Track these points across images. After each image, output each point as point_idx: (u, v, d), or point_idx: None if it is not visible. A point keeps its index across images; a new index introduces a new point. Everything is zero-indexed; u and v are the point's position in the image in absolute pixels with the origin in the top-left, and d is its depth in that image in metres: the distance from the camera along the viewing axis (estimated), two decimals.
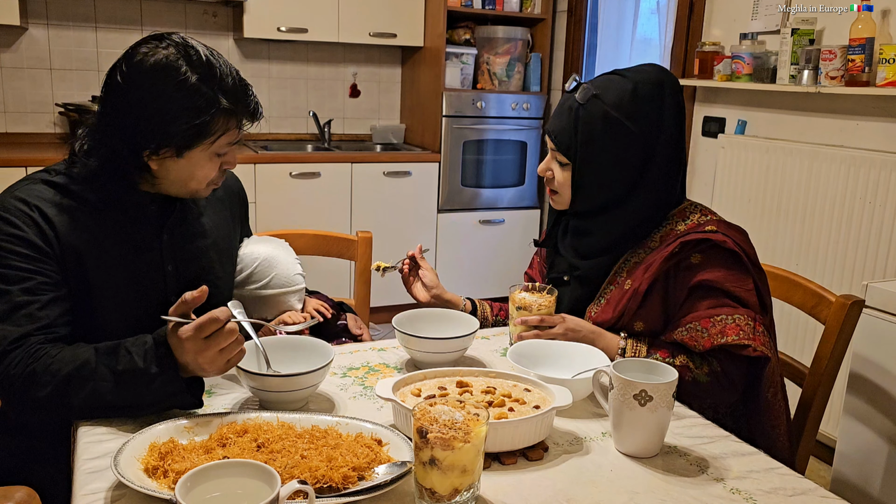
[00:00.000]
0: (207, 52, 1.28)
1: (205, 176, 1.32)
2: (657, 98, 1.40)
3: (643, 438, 1.11)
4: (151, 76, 1.23)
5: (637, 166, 1.40)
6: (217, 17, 3.92)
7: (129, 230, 1.33)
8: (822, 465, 2.59)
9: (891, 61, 2.37)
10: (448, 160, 4.02)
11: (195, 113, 1.23)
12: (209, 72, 1.25)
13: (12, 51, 3.57)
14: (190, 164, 1.29)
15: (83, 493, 0.96)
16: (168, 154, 1.27)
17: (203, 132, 1.25)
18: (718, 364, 1.35)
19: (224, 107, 1.25)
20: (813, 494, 1.04)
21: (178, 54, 1.25)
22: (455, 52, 4.07)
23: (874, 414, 1.93)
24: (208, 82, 1.24)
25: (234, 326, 1.12)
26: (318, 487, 0.94)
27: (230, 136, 1.30)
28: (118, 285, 1.31)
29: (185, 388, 1.13)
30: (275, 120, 4.18)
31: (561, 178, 1.47)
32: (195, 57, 1.25)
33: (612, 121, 1.38)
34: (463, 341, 1.39)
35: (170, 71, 1.23)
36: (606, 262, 1.48)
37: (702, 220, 1.43)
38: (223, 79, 1.26)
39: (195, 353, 1.09)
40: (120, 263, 1.32)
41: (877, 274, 2.52)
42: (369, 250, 2.03)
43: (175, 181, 1.32)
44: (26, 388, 1.13)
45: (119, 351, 1.13)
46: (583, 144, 1.40)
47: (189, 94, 1.23)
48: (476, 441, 0.92)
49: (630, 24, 3.79)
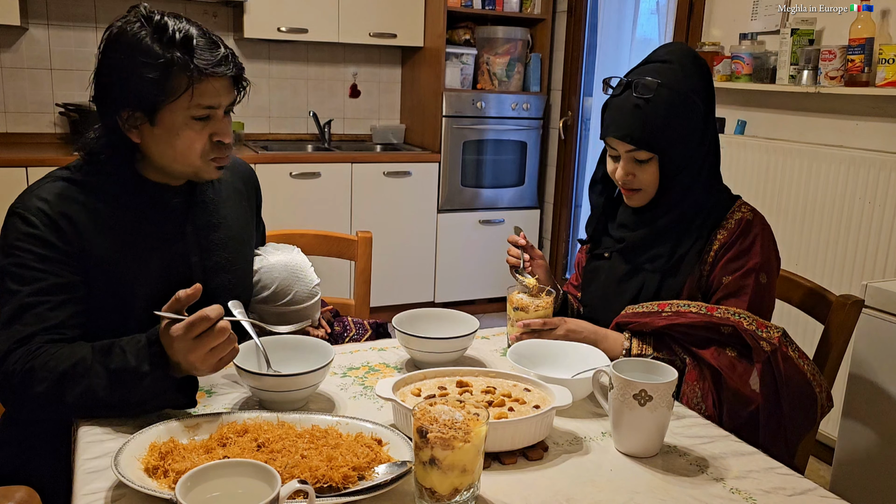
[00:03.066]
0: (167, 16, 1.26)
1: (190, 147, 1.28)
2: (703, 71, 1.45)
3: (643, 438, 1.11)
4: (114, 45, 1.25)
5: (706, 140, 1.46)
6: (217, 18, 3.92)
7: (153, 223, 1.33)
8: (822, 465, 2.59)
9: (890, 61, 2.37)
10: (448, 160, 4.02)
11: (145, 68, 1.21)
12: (161, 28, 1.24)
13: (13, 51, 3.57)
14: (167, 132, 1.26)
15: (83, 493, 0.96)
16: (142, 121, 1.26)
17: (161, 89, 1.22)
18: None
19: (175, 59, 1.22)
20: (813, 494, 1.04)
21: (136, 19, 1.25)
22: (455, 53, 4.08)
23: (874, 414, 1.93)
24: (160, 38, 1.23)
25: (226, 325, 1.10)
26: (319, 487, 0.95)
27: (197, 96, 1.24)
28: (147, 278, 1.31)
29: (176, 388, 1.13)
30: (275, 120, 4.18)
31: (647, 175, 1.45)
32: (148, 18, 1.25)
33: (681, 103, 1.41)
34: (463, 341, 1.39)
35: (125, 34, 1.24)
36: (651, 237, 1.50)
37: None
38: (175, 33, 1.23)
39: (186, 351, 1.09)
40: (147, 257, 1.32)
41: (876, 274, 2.52)
42: (369, 250, 2.03)
43: (163, 156, 1.29)
44: (24, 384, 1.13)
45: (113, 349, 1.13)
46: (664, 133, 1.41)
47: (141, 51, 1.22)
48: (476, 441, 0.92)
49: (630, 24, 3.79)
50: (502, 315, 4.01)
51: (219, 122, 1.30)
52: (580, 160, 4.23)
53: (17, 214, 1.24)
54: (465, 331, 1.41)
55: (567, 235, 4.30)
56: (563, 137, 4.22)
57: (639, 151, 1.43)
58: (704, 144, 1.46)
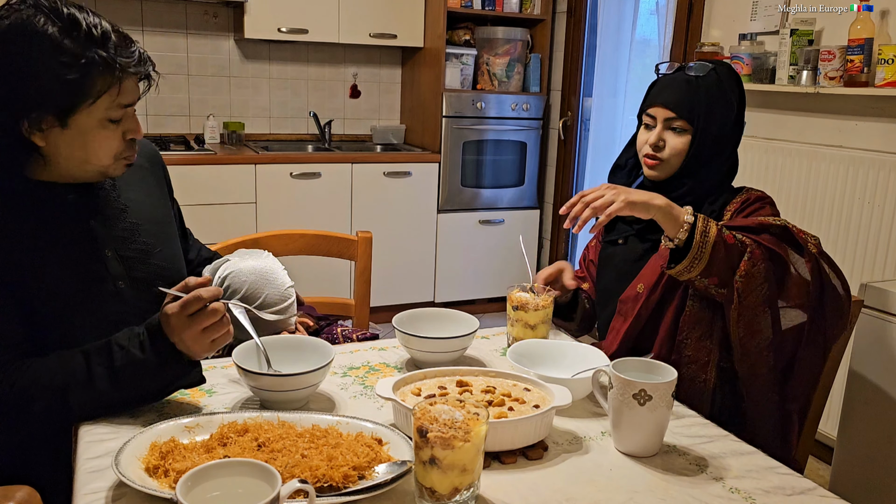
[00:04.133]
0: (73, 8, 1.14)
1: (104, 148, 1.19)
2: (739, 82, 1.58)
3: (642, 438, 1.11)
4: (7, 40, 1.11)
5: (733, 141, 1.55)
6: (218, 18, 3.92)
7: (51, 226, 1.22)
8: (822, 465, 2.59)
9: (890, 61, 2.37)
10: (448, 160, 4.03)
11: (63, 68, 1.10)
12: (73, 23, 1.12)
13: None
14: (81, 134, 1.16)
15: (84, 493, 0.96)
16: (51, 124, 1.14)
17: (79, 91, 1.12)
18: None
19: (95, 58, 1.12)
20: (812, 494, 1.04)
21: (37, 12, 1.12)
22: (455, 53, 4.08)
23: (873, 413, 1.93)
24: (72, 34, 1.12)
25: (219, 306, 1.11)
26: (319, 486, 0.95)
27: (113, 95, 1.16)
28: (60, 283, 1.22)
29: (187, 369, 1.15)
30: (275, 120, 4.18)
31: (677, 144, 1.51)
32: (55, 11, 1.13)
33: (723, 95, 1.52)
34: (463, 341, 1.40)
35: (26, 28, 1.10)
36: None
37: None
38: (91, 29, 1.13)
39: (180, 329, 1.11)
40: (55, 262, 1.21)
41: (875, 274, 2.52)
42: (369, 250, 2.03)
43: (71, 158, 1.19)
44: (19, 405, 1.12)
45: (111, 349, 1.13)
46: (705, 111, 1.50)
47: (51, 49, 1.10)
48: (476, 440, 0.92)
49: (629, 24, 3.78)
50: (502, 315, 4.01)
51: (131, 119, 1.22)
52: (580, 160, 4.23)
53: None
54: (465, 331, 1.41)
55: (567, 235, 4.30)
56: (563, 138, 4.22)
57: (678, 120, 1.50)
58: (730, 144, 1.54)
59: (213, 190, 3.53)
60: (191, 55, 3.91)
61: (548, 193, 4.39)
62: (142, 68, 1.19)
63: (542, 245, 4.46)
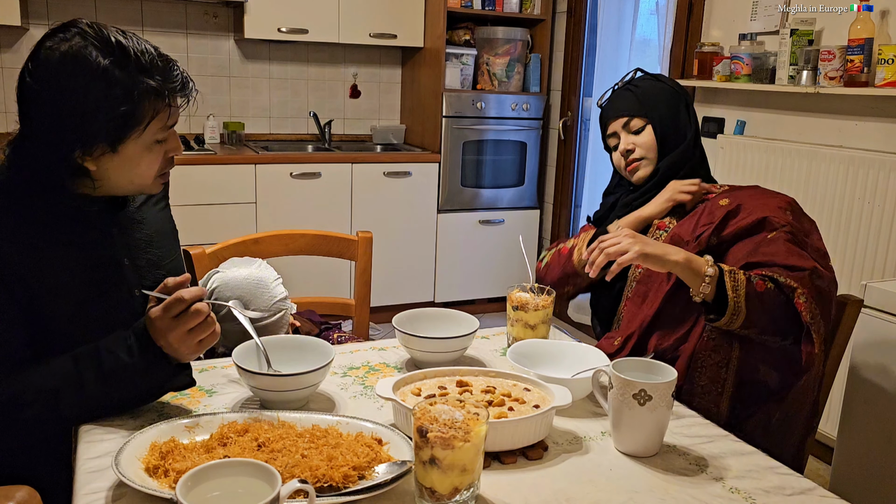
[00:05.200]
0: (118, 34, 1.17)
1: (149, 168, 1.23)
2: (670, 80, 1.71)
3: (642, 438, 1.11)
4: (61, 71, 1.13)
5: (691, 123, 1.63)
6: (218, 18, 3.92)
7: (77, 232, 1.25)
8: (822, 465, 2.59)
9: (890, 62, 2.37)
10: (448, 160, 4.03)
11: (117, 101, 1.14)
12: (122, 53, 1.15)
13: (13, 51, 3.57)
14: (129, 158, 1.20)
15: (84, 493, 0.97)
16: (102, 151, 1.17)
17: (131, 120, 1.16)
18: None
19: (147, 88, 1.15)
20: (812, 494, 1.04)
21: (85, 42, 1.14)
22: (455, 53, 4.08)
23: (873, 413, 1.93)
24: (123, 64, 1.14)
25: (202, 307, 1.12)
26: (319, 486, 0.95)
27: (162, 119, 1.20)
28: (77, 289, 1.23)
29: (176, 371, 1.15)
30: (275, 120, 4.18)
31: (644, 139, 1.62)
32: (104, 41, 1.15)
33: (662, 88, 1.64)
34: (463, 341, 1.40)
35: (80, 61, 1.13)
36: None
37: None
38: (139, 57, 1.16)
39: (165, 331, 1.11)
40: (75, 267, 1.23)
41: (875, 274, 2.52)
42: (369, 250, 2.03)
43: (118, 179, 1.23)
44: (9, 411, 1.13)
45: (99, 353, 1.13)
46: (652, 102, 1.62)
47: (106, 82, 1.13)
48: (476, 440, 0.92)
49: (629, 24, 3.78)
50: (502, 315, 4.01)
51: (173, 138, 1.26)
52: (580, 160, 4.23)
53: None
54: (465, 331, 1.41)
55: (567, 236, 4.29)
56: (563, 138, 4.22)
57: (633, 120, 1.62)
58: (690, 126, 1.63)
59: (213, 190, 3.52)
60: (191, 55, 3.91)
61: (548, 193, 4.39)
62: (187, 91, 1.23)
63: (542, 245, 4.45)
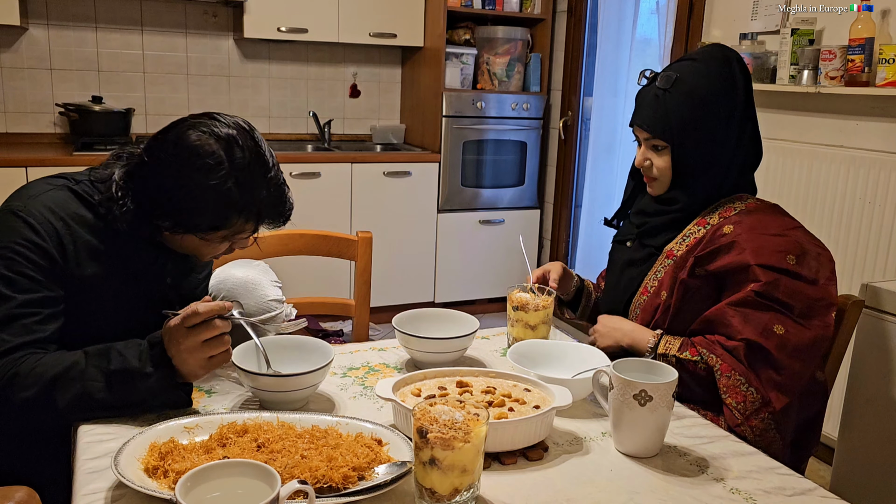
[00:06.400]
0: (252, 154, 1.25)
1: (214, 252, 1.35)
2: (729, 74, 1.47)
3: (643, 438, 1.11)
4: (191, 165, 1.22)
5: (728, 141, 1.47)
6: (217, 18, 3.92)
7: (138, 256, 1.34)
8: (822, 465, 2.59)
9: (890, 61, 2.37)
10: (448, 160, 4.02)
11: (221, 213, 1.24)
12: (248, 179, 1.24)
13: (12, 51, 3.56)
14: (202, 243, 1.31)
15: (83, 493, 0.96)
16: (182, 231, 1.28)
17: (220, 227, 1.26)
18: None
19: (248, 208, 1.25)
20: (813, 494, 1.04)
21: (223, 151, 1.22)
22: (455, 53, 4.07)
23: (874, 414, 1.93)
24: (244, 189, 1.24)
25: (219, 323, 1.15)
26: (319, 487, 0.95)
27: (246, 233, 1.31)
28: (127, 307, 1.32)
29: (178, 385, 1.16)
30: (275, 120, 4.18)
31: (661, 163, 1.49)
32: (239, 158, 1.23)
33: (698, 100, 1.44)
34: (463, 341, 1.39)
35: (212, 169, 1.21)
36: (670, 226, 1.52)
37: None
38: (259, 190, 1.25)
39: (178, 340, 1.13)
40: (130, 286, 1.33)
41: (876, 274, 2.52)
42: (369, 250, 2.03)
43: (184, 245, 1.33)
44: (10, 390, 1.13)
45: (110, 353, 1.16)
46: (678, 124, 1.45)
47: (221, 197, 1.22)
48: (476, 441, 0.92)
49: (630, 24, 3.78)
50: (502, 315, 4.01)
51: (245, 242, 1.35)
52: (580, 160, 4.23)
53: (18, 217, 1.22)
54: (465, 331, 1.41)
55: (567, 235, 4.30)
56: (563, 137, 4.22)
57: (654, 139, 1.48)
58: (727, 146, 1.47)
59: None
60: (190, 55, 3.91)
61: (548, 193, 4.39)
62: (282, 223, 1.33)
63: (542, 245, 4.45)
